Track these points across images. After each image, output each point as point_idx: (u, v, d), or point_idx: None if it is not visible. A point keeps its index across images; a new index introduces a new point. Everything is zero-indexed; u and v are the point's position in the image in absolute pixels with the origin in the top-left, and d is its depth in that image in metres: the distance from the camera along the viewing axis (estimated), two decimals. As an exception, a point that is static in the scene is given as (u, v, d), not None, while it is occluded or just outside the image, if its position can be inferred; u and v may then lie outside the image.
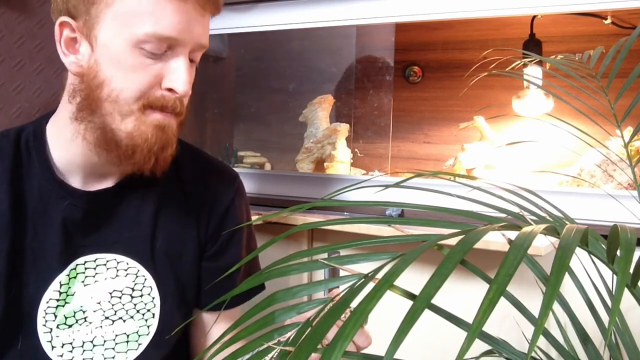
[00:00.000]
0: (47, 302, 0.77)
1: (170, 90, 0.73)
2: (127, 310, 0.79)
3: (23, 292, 0.76)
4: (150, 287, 0.81)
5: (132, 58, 0.70)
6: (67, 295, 0.78)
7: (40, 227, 0.77)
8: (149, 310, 0.80)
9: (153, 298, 0.81)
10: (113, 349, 0.78)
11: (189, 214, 0.86)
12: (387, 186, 0.69)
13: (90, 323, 0.78)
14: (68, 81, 0.77)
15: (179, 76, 0.72)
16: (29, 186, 0.78)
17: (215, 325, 0.88)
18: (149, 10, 0.69)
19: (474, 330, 0.30)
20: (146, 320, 0.80)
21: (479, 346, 0.59)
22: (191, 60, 0.75)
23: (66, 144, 0.77)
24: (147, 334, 0.79)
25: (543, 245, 0.89)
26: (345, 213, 1.24)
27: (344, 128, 1.46)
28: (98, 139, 0.74)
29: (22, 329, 0.75)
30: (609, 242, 0.39)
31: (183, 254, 0.84)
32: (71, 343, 0.76)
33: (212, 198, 0.88)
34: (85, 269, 0.79)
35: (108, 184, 0.81)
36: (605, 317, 0.69)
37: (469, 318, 0.42)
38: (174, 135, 0.76)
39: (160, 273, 0.82)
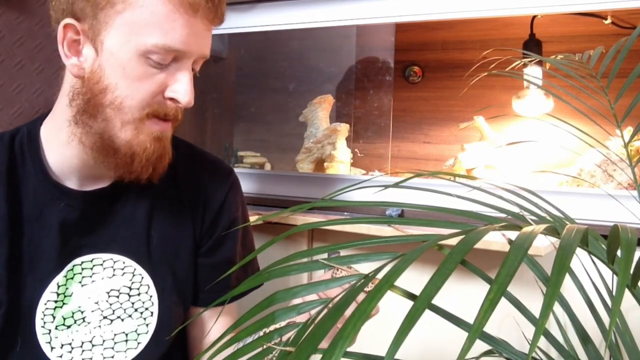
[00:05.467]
0: (45, 304, 0.77)
1: (172, 99, 0.74)
2: (125, 310, 0.79)
3: (21, 294, 0.76)
4: (148, 285, 0.81)
5: (137, 67, 0.70)
6: (65, 296, 0.78)
7: (37, 230, 0.77)
8: (147, 309, 0.80)
9: (151, 296, 0.81)
10: (112, 348, 0.78)
11: (183, 210, 0.86)
12: (387, 186, 0.69)
13: (88, 323, 0.78)
14: (66, 83, 0.76)
15: (183, 87, 0.73)
16: (24, 189, 0.78)
17: (213, 321, 0.88)
18: (159, 22, 0.69)
19: (475, 330, 0.30)
20: (145, 319, 0.80)
21: (479, 346, 0.59)
22: (192, 69, 0.76)
23: (62, 147, 0.77)
24: (146, 333, 0.79)
25: (543, 246, 0.89)
26: (346, 213, 1.24)
27: (344, 128, 1.46)
28: (95, 144, 0.74)
29: (21, 330, 0.75)
30: (609, 242, 0.38)
31: (179, 251, 0.84)
32: (70, 343, 0.76)
33: (207, 194, 0.88)
34: (82, 269, 0.79)
35: (103, 184, 0.81)
36: (605, 317, 0.69)
37: (470, 318, 0.42)
38: (169, 142, 0.78)
39: (157, 271, 0.82)
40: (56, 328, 0.76)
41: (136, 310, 0.80)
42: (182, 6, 0.70)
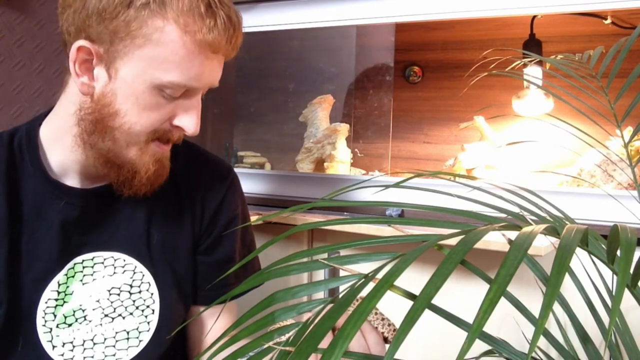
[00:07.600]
0: (46, 302, 0.77)
1: (179, 128, 0.76)
2: (126, 307, 0.80)
3: (21, 293, 0.76)
4: (149, 283, 0.81)
5: (150, 98, 0.72)
6: (66, 295, 0.78)
7: (36, 229, 0.77)
8: (148, 307, 0.80)
9: (152, 294, 0.81)
10: (114, 346, 0.78)
11: (183, 208, 0.86)
12: (387, 186, 0.69)
13: (90, 321, 0.78)
14: (72, 94, 0.76)
15: (191, 118, 0.76)
16: (23, 188, 0.78)
17: (212, 319, 0.89)
18: (178, 61, 0.70)
19: (475, 330, 0.30)
20: (146, 317, 0.80)
21: (479, 346, 0.59)
22: None
23: (65, 151, 0.78)
24: (148, 330, 0.80)
25: (543, 246, 0.89)
26: (345, 213, 1.24)
27: (344, 128, 1.46)
28: (100, 159, 0.77)
29: (22, 329, 0.76)
30: (609, 242, 0.38)
31: (179, 249, 0.85)
32: (72, 342, 0.77)
33: (206, 192, 0.88)
34: (84, 267, 0.79)
35: (103, 182, 0.81)
36: (605, 317, 0.69)
37: (469, 318, 0.42)
38: (168, 160, 0.81)
39: (158, 269, 0.82)
40: (57, 327, 0.77)
41: (137, 308, 0.80)
42: (202, 48, 0.71)
